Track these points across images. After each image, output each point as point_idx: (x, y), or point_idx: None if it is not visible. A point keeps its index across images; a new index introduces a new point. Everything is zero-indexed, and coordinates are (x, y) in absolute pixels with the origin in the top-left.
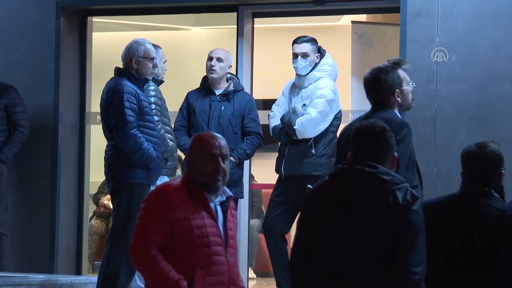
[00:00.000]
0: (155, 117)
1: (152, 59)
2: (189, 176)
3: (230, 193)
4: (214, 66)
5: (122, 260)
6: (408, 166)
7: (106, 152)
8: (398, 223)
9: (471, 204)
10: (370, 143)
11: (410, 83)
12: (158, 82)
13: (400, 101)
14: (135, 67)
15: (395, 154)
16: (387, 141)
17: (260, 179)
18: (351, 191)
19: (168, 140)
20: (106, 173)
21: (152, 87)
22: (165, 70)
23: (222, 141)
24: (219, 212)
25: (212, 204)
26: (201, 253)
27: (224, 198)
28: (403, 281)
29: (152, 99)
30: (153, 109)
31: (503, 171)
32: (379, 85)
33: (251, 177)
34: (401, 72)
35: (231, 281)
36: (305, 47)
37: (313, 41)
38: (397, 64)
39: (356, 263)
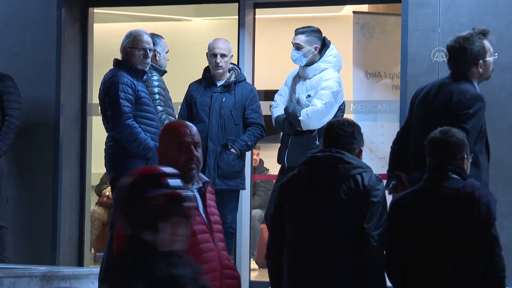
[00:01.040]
0: (159, 107)
1: (144, 49)
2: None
3: (206, 178)
4: (219, 63)
5: None
6: (477, 140)
7: (106, 143)
8: (364, 202)
9: (432, 190)
10: (336, 136)
11: (494, 55)
12: (161, 72)
13: (481, 72)
14: (125, 57)
15: (361, 148)
16: (353, 135)
17: (259, 170)
18: (322, 174)
19: None
20: (106, 164)
21: (155, 77)
22: (168, 60)
23: (193, 129)
24: (198, 199)
25: None
26: (188, 244)
27: (201, 184)
28: (365, 247)
29: (156, 89)
30: (157, 99)
31: (465, 156)
32: (464, 55)
33: (266, 169)
34: (486, 43)
35: (223, 265)
36: (299, 38)
37: (310, 32)
38: (483, 34)
39: (327, 240)
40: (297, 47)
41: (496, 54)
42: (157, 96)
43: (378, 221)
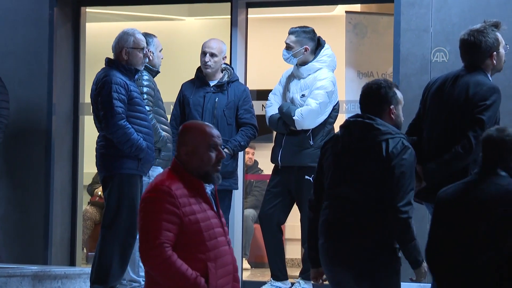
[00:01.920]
0: (147, 107)
1: (143, 49)
2: (182, 168)
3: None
4: (208, 62)
5: (115, 251)
6: None
7: (97, 143)
8: (387, 170)
9: (480, 183)
10: (367, 99)
11: (506, 46)
12: (154, 72)
13: (495, 63)
14: (126, 58)
15: (391, 107)
16: (382, 96)
17: (254, 170)
18: (352, 139)
19: (160, 130)
20: (97, 164)
21: (145, 77)
22: (162, 58)
23: (217, 131)
24: (212, 202)
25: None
26: (210, 246)
27: (212, 186)
28: (393, 220)
29: (144, 89)
30: (145, 99)
31: None
32: (479, 47)
33: (260, 170)
34: (498, 35)
35: (234, 269)
36: (289, 38)
37: (301, 33)
38: (495, 26)
39: (358, 205)
40: (288, 47)
41: (507, 45)
42: (145, 96)
43: (403, 193)
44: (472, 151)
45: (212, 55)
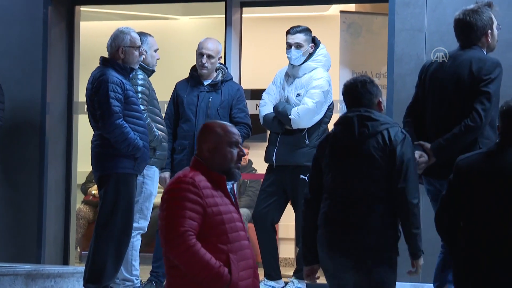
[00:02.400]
0: (141, 106)
1: (139, 47)
2: (204, 165)
3: None
4: (205, 64)
5: (109, 251)
6: (494, 104)
7: (92, 142)
8: (391, 157)
9: (501, 152)
10: (356, 95)
11: (498, 26)
12: (149, 72)
13: (490, 41)
14: (122, 56)
15: (380, 99)
16: (371, 91)
17: (248, 169)
18: (353, 132)
19: (155, 130)
20: (92, 163)
21: (140, 76)
22: (158, 58)
23: (237, 130)
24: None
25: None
26: (231, 239)
27: (231, 185)
28: (402, 206)
29: (139, 88)
30: (139, 98)
31: None
32: (475, 26)
33: (254, 169)
34: (491, 14)
35: (254, 264)
36: (299, 37)
37: (306, 31)
38: (488, 6)
39: (360, 195)
40: (298, 45)
41: (499, 25)
42: (139, 95)
43: (411, 179)
44: (482, 123)
45: (209, 56)
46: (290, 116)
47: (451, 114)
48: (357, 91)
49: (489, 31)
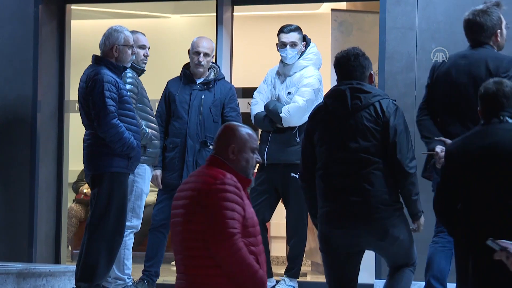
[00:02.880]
0: None
1: (132, 46)
2: (228, 165)
3: None
4: (202, 62)
5: (101, 250)
6: None
7: (85, 140)
8: (387, 126)
9: (491, 131)
10: (348, 67)
11: (507, 25)
12: (139, 71)
13: (499, 41)
14: (116, 55)
15: (372, 72)
16: (363, 63)
17: None
18: (346, 104)
19: (144, 127)
20: (85, 162)
21: (129, 74)
22: (147, 56)
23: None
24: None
25: None
26: (258, 241)
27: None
28: (400, 175)
29: (128, 86)
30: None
31: None
32: (485, 26)
33: None
34: (500, 14)
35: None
36: (293, 36)
37: (299, 30)
38: (497, 6)
39: (358, 160)
40: (293, 44)
41: (508, 24)
42: (128, 93)
43: (407, 149)
44: None
45: (206, 54)
46: (281, 115)
47: (469, 112)
48: (350, 64)
49: (499, 30)
